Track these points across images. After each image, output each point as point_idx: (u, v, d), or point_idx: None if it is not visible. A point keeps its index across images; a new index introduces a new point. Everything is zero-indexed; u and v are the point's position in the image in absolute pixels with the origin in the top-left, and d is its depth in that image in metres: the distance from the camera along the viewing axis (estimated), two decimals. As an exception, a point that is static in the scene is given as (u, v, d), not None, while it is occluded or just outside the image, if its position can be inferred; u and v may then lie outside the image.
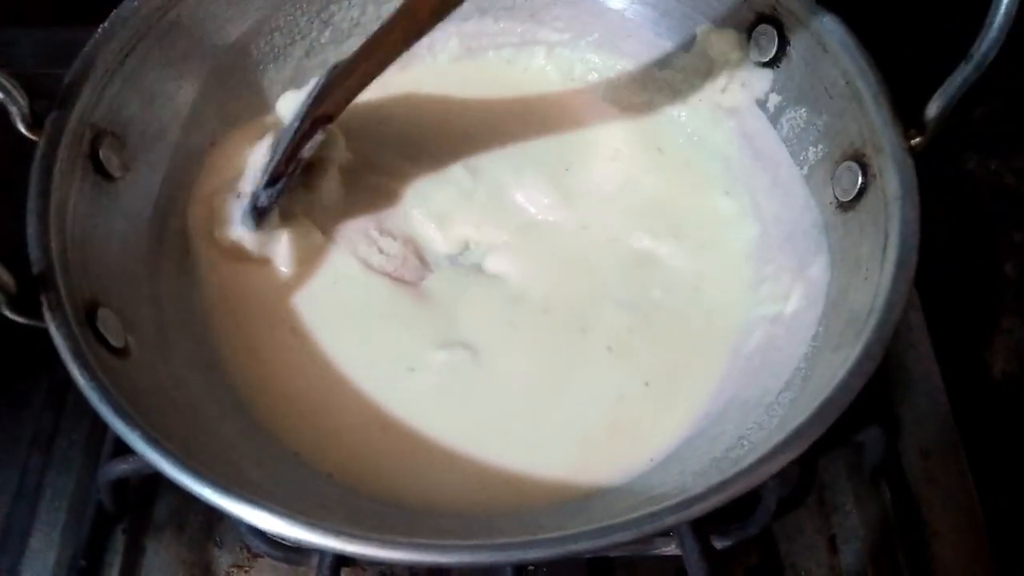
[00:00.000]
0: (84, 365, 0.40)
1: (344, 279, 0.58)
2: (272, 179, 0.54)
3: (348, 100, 0.53)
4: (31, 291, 0.42)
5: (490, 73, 0.66)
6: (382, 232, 0.60)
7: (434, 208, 0.61)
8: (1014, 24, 0.44)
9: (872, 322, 0.43)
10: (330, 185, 0.60)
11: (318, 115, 0.53)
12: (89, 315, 0.44)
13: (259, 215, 0.55)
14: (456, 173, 0.62)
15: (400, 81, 0.66)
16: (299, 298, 0.57)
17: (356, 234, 0.60)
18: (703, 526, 0.49)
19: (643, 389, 0.54)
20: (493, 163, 0.63)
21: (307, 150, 0.54)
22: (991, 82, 0.77)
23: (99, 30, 0.50)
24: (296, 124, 0.53)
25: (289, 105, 0.58)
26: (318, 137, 0.54)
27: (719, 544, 0.52)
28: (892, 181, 0.47)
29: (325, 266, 0.58)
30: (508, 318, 0.56)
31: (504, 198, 0.61)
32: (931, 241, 0.68)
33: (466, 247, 0.60)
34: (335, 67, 0.53)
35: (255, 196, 0.55)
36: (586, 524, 0.39)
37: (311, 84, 0.54)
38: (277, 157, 0.54)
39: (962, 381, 0.63)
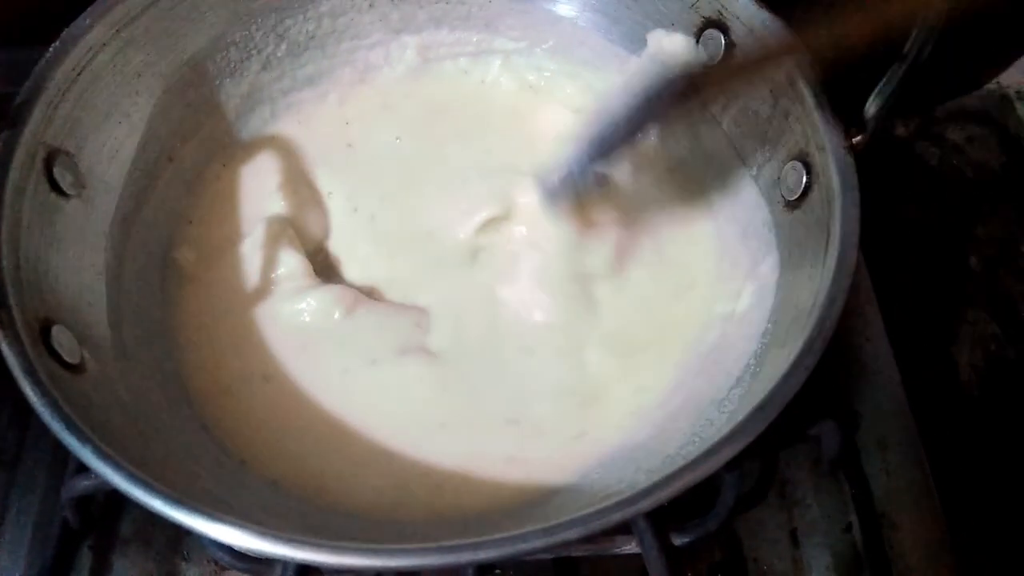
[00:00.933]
0: (36, 382, 0.41)
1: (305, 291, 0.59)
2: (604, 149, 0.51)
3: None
4: (-17, 310, 0.43)
5: (447, 83, 0.67)
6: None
7: (392, 218, 0.62)
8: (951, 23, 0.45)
9: (814, 318, 0.43)
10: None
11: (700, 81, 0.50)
12: (43, 332, 0.44)
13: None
14: (414, 184, 0.63)
15: (358, 93, 0.67)
16: (263, 313, 0.57)
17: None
18: (662, 523, 0.50)
19: (601, 387, 0.55)
20: (451, 173, 0.63)
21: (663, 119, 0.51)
22: (953, 79, 0.79)
23: (51, 48, 0.50)
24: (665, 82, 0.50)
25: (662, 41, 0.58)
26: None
27: (678, 541, 0.53)
28: (834, 180, 0.48)
29: (293, 278, 0.59)
30: (462, 320, 0.57)
31: (461, 207, 0.61)
32: (892, 237, 0.70)
33: (424, 256, 0.61)
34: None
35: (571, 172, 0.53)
36: (538, 523, 0.40)
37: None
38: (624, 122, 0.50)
39: (927, 375, 0.64)
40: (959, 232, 0.74)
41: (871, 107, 0.49)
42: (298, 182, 0.63)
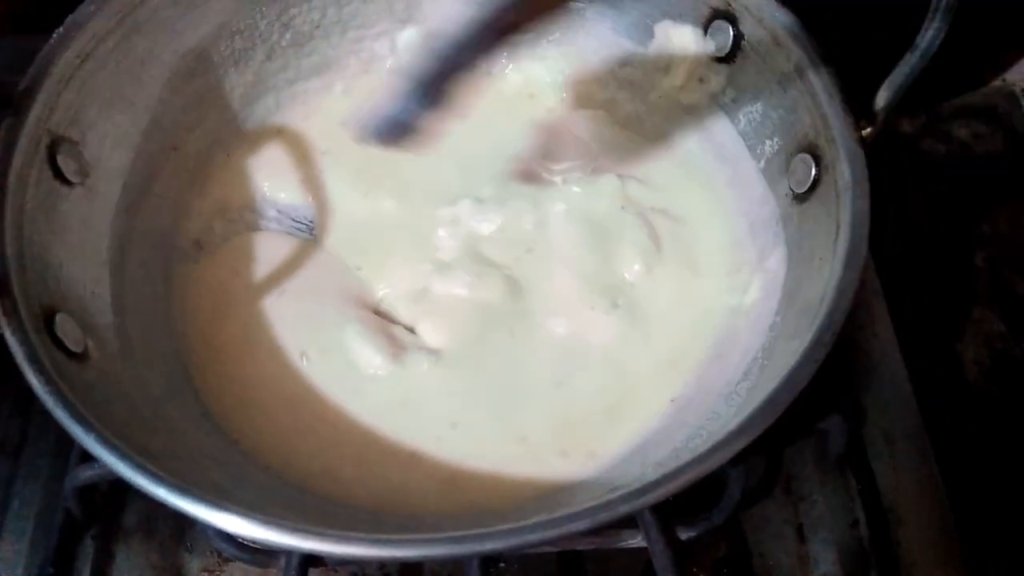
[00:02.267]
0: (40, 370, 0.41)
1: (313, 283, 0.58)
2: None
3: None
4: (-14, 297, 0.42)
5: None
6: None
7: (399, 210, 0.61)
8: (960, 16, 0.45)
9: (823, 311, 0.43)
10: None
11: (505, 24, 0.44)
12: (47, 320, 0.44)
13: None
14: (421, 177, 0.62)
15: (363, 84, 0.66)
16: (269, 303, 0.57)
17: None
18: (668, 517, 0.50)
19: (612, 381, 0.55)
20: (454, 169, 0.63)
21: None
22: (959, 75, 0.78)
23: (54, 35, 0.50)
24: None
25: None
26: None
27: (684, 535, 0.52)
28: (843, 172, 0.48)
29: (298, 270, 0.59)
30: (472, 317, 0.56)
31: (467, 200, 0.61)
32: (899, 232, 0.70)
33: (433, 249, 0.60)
34: None
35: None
36: (543, 515, 0.39)
37: None
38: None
39: (932, 371, 0.64)
40: (965, 229, 0.74)
41: (881, 98, 0.48)
42: (303, 173, 0.63)
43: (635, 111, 0.64)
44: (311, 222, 0.62)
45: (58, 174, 0.49)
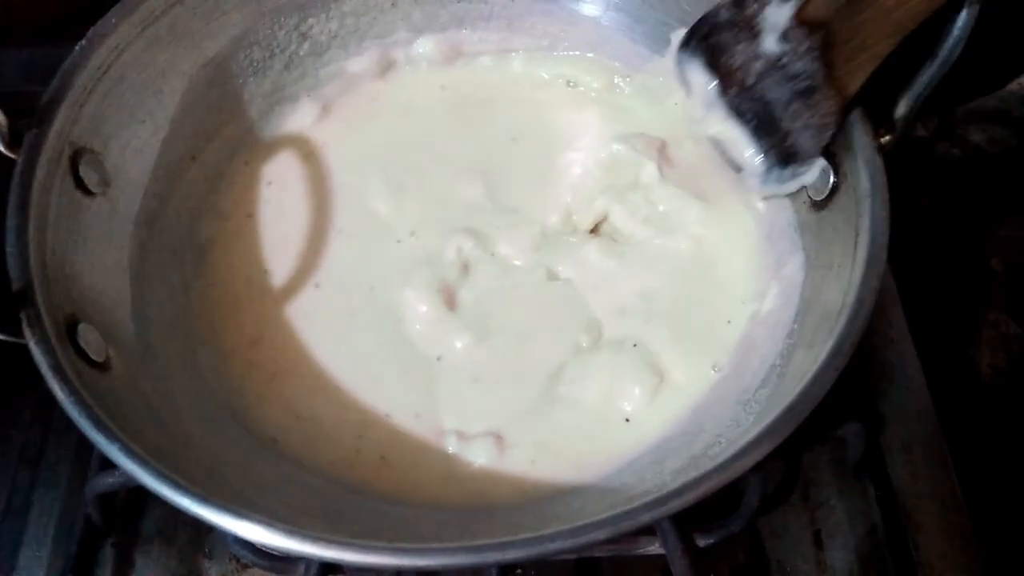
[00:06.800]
0: (63, 379, 0.41)
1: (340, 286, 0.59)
2: None
3: None
4: (11, 307, 0.43)
5: (469, 82, 0.67)
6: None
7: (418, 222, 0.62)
8: (979, 22, 0.45)
9: (843, 319, 0.43)
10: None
11: None
12: (69, 330, 0.44)
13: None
14: (437, 183, 0.63)
15: (380, 92, 0.66)
16: (292, 311, 0.57)
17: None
18: (686, 524, 0.50)
19: (632, 385, 0.54)
20: (474, 173, 0.63)
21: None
22: (973, 80, 0.78)
23: (77, 47, 0.50)
24: None
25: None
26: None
27: (702, 542, 0.52)
28: (862, 180, 0.48)
29: (322, 272, 0.59)
30: (494, 317, 0.57)
31: (487, 206, 0.61)
32: (915, 237, 0.70)
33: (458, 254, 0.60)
34: None
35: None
36: (563, 524, 0.39)
37: None
38: None
39: (948, 376, 0.64)
40: (980, 233, 0.74)
41: (901, 107, 0.48)
42: (320, 179, 0.63)
43: (652, 117, 0.64)
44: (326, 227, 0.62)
45: (80, 184, 0.50)
